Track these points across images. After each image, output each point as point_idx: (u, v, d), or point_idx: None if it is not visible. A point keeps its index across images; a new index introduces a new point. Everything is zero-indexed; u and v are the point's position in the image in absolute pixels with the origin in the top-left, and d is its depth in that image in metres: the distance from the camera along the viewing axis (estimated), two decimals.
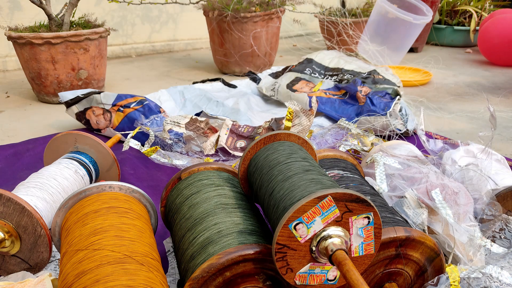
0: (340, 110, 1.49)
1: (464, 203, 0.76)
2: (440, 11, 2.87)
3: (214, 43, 2.17)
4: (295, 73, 1.77)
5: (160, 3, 2.16)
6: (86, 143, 0.99)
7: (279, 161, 0.67)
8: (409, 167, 0.87)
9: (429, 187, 0.79)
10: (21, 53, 1.67)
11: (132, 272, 0.54)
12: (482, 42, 2.37)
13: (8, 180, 1.11)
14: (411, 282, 0.66)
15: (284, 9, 2.15)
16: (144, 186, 1.09)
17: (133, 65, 2.43)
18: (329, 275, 0.57)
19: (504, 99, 1.80)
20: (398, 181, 0.83)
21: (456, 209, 0.75)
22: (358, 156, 1.15)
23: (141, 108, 1.35)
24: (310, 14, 2.57)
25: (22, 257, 0.72)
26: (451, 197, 0.77)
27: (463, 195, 0.78)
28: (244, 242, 0.59)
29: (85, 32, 1.67)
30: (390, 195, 0.80)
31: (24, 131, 1.47)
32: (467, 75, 2.20)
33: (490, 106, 0.90)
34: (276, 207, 0.59)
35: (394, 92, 1.51)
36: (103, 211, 0.64)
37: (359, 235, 0.55)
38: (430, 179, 0.81)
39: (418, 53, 2.72)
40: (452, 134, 1.42)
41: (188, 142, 1.20)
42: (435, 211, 0.75)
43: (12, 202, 0.69)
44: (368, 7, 2.68)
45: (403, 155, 0.94)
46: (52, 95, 1.72)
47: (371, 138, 1.20)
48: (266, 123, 1.26)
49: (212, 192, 0.70)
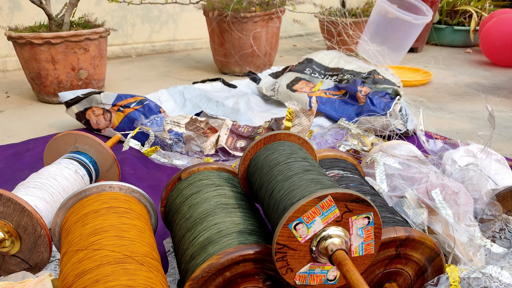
0: (340, 110, 1.49)
1: (464, 203, 0.76)
2: (440, 11, 2.87)
3: (214, 43, 2.17)
4: (295, 73, 1.77)
5: (160, 3, 2.16)
6: (86, 143, 0.99)
7: (279, 161, 0.67)
8: (409, 167, 0.87)
9: (429, 187, 0.79)
10: (21, 53, 1.67)
11: (132, 272, 0.54)
12: (484, 43, 2.37)
13: (8, 180, 1.11)
14: (411, 282, 0.66)
15: (284, 9, 2.15)
16: (144, 186, 1.09)
17: (133, 65, 2.43)
18: (329, 275, 0.57)
19: (504, 99, 1.80)
20: (398, 181, 0.83)
21: (456, 209, 0.75)
22: (358, 156, 1.15)
23: (141, 108, 1.35)
24: (310, 14, 2.57)
25: (22, 257, 0.72)
26: (451, 197, 0.77)
27: (463, 195, 0.78)
28: (244, 242, 0.59)
29: (85, 32, 1.67)
30: (390, 195, 0.80)
31: (24, 131, 1.47)
32: (467, 75, 2.20)
33: (488, 105, 0.90)
34: (276, 207, 0.59)
35: (394, 92, 1.51)
36: (103, 211, 0.64)
37: (359, 235, 0.55)
38: (430, 179, 0.81)
39: (418, 53, 2.72)
40: (452, 134, 1.42)
41: (188, 142, 1.20)
42: (435, 211, 0.75)
43: (12, 202, 0.69)
44: (368, 7, 2.68)
45: (403, 155, 0.94)
46: (52, 95, 1.72)
47: (371, 138, 1.20)
48: (266, 123, 1.26)
49: (212, 192, 0.70)
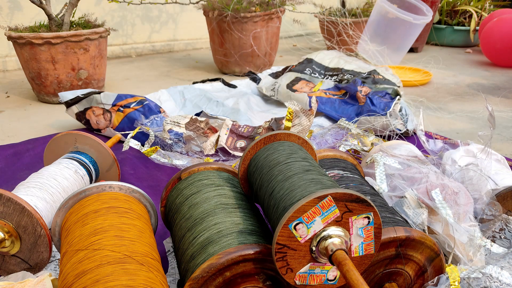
0: (340, 110, 1.49)
1: (464, 203, 0.76)
2: (440, 11, 2.87)
3: (214, 43, 2.17)
4: (295, 73, 1.77)
5: (160, 3, 2.16)
6: (86, 143, 0.99)
7: (279, 161, 0.67)
8: (409, 167, 0.87)
9: (429, 187, 0.79)
10: (21, 53, 1.67)
11: (132, 272, 0.54)
12: (484, 43, 2.37)
13: (8, 180, 1.11)
14: (411, 282, 0.66)
15: (284, 9, 2.15)
16: (144, 186, 1.09)
17: (133, 65, 2.43)
18: (329, 275, 0.57)
19: (504, 99, 1.80)
20: (398, 181, 0.83)
21: (456, 209, 0.75)
22: (358, 156, 1.15)
23: (141, 108, 1.35)
24: (310, 14, 2.57)
25: (22, 257, 0.72)
26: (451, 197, 0.77)
27: (463, 195, 0.78)
28: (244, 242, 0.59)
29: (85, 32, 1.67)
30: (390, 195, 0.80)
31: (24, 131, 1.47)
32: (467, 75, 2.20)
33: (489, 105, 0.90)
34: (276, 207, 0.59)
35: (394, 92, 1.51)
36: (103, 211, 0.64)
37: (359, 235, 0.55)
38: (430, 179, 0.81)
39: (418, 53, 2.72)
40: (452, 134, 1.42)
41: (188, 142, 1.20)
42: (435, 211, 0.75)
43: (12, 202, 0.69)
44: (368, 7, 2.68)
45: (403, 155, 0.94)
46: (52, 95, 1.72)
47: (371, 138, 1.20)
48: (266, 123, 1.26)
49: (212, 192, 0.70)
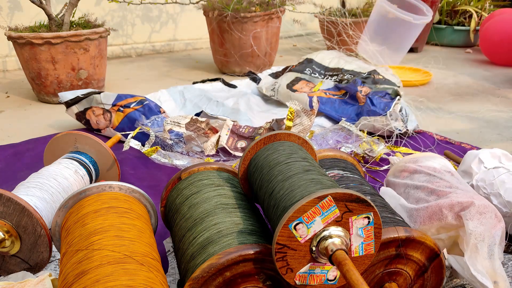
0: (340, 110, 1.49)
1: (490, 226, 0.68)
2: (440, 11, 2.87)
3: (214, 43, 2.17)
4: (295, 73, 1.77)
5: (160, 3, 2.16)
6: (86, 143, 0.99)
7: (279, 161, 0.67)
8: (439, 180, 0.82)
9: (455, 203, 0.72)
10: (21, 53, 1.67)
11: (132, 272, 0.54)
12: (484, 43, 2.37)
13: (8, 180, 1.11)
14: (411, 282, 0.66)
15: (284, 9, 2.15)
16: (144, 186, 1.09)
17: (133, 65, 2.42)
18: (329, 275, 0.57)
19: (504, 99, 1.80)
20: (422, 194, 0.79)
21: (482, 229, 0.68)
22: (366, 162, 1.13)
23: (141, 108, 1.35)
24: (310, 14, 2.57)
25: (22, 257, 0.72)
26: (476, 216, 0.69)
27: (491, 216, 0.70)
28: (244, 242, 0.59)
29: (85, 32, 1.67)
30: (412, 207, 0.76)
31: (24, 131, 1.47)
32: (467, 75, 2.20)
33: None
34: (276, 207, 0.59)
35: (394, 92, 1.51)
36: (103, 211, 0.64)
37: (359, 235, 0.55)
38: (458, 195, 0.74)
39: (418, 53, 2.72)
40: (452, 134, 1.42)
41: (188, 142, 1.20)
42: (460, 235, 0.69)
43: (12, 202, 0.69)
44: (368, 7, 2.68)
45: (436, 168, 0.89)
46: (52, 95, 1.72)
47: (381, 148, 1.17)
48: (267, 124, 1.26)
49: (212, 192, 0.70)
